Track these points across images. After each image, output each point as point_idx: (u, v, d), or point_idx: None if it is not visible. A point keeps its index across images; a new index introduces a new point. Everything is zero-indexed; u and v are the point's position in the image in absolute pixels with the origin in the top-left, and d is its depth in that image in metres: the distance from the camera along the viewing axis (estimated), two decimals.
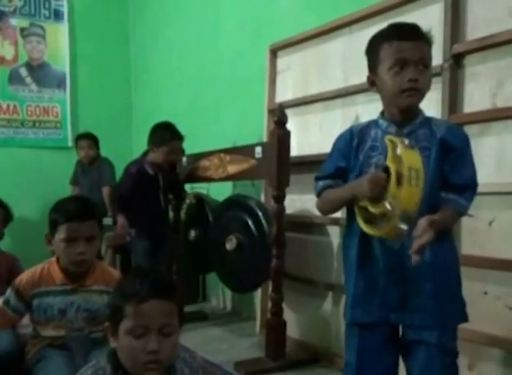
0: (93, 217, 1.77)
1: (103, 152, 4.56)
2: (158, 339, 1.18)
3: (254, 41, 3.58)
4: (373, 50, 1.49)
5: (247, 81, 3.66)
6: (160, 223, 3.36)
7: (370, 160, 1.48)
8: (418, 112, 1.49)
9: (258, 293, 3.30)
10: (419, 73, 1.40)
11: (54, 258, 1.82)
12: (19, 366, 1.97)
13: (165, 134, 3.29)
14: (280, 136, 2.63)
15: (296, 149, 2.83)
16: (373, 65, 1.49)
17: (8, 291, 1.79)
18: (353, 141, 1.52)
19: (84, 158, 4.47)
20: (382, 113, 1.53)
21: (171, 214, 3.48)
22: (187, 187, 3.69)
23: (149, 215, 3.29)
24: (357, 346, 1.52)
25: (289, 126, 2.70)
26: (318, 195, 1.58)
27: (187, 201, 3.69)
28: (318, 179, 1.59)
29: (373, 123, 1.53)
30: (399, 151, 1.32)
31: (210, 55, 4.17)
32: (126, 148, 5.24)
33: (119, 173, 4.58)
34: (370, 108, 2.47)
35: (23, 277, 1.80)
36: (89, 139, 4.46)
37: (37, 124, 5.03)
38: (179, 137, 3.33)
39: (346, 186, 1.50)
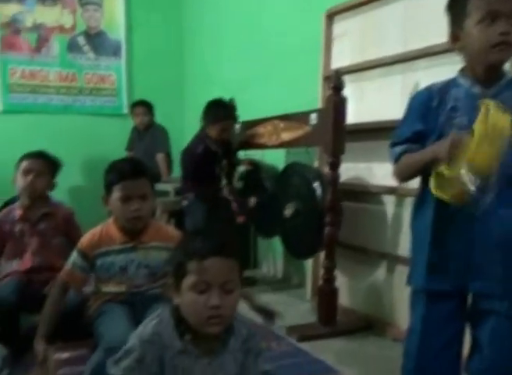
0: (145, 176, 1.84)
1: (157, 119, 4.64)
2: (220, 295, 1.21)
3: (308, 7, 3.50)
4: (459, 3, 1.40)
5: (301, 48, 3.59)
6: (217, 188, 3.41)
7: (451, 121, 1.40)
8: (503, 72, 1.41)
9: (309, 260, 3.32)
10: (511, 26, 1.32)
11: (111, 220, 1.89)
12: (81, 319, 2.09)
13: (219, 113, 3.31)
14: (336, 102, 2.59)
15: (351, 117, 2.78)
16: (458, 19, 1.40)
17: (74, 253, 1.89)
18: (433, 102, 1.44)
19: (139, 125, 4.56)
20: (462, 72, 1.45)
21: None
22: (240, 154, 3.71)
23: (207, 180, 3.34)
24: (424, 313, 1.49)
25: (346, 92, 2.66)
26: (396, 161, 1.51)
27: (242, 167, 3.71)
28: (393, 144, 1.52)
29: (452, 83, 1.46)
30: (491, 114, 1.24)
31: (263, 21, 4.11)
32: (179, 115, 5.32)
33: (172, 139, 4.68)
34: (431, 74, 2.38)
35: (85, 240, 1.88)
36: (144, 106, 4.54)
37: (93, 92, 5.15)
38: (232, 117, 3.34)
39: (427, 148, 1.42)
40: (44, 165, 2.47)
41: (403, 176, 1.54)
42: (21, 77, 4.87)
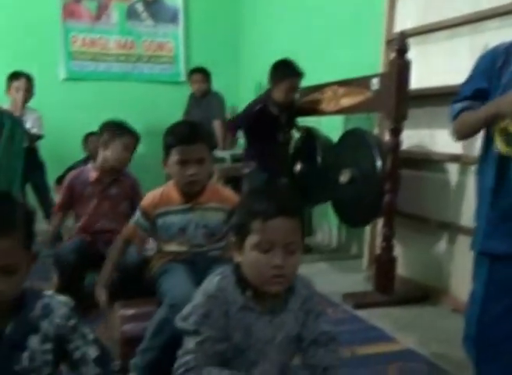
0: (202, 140, 1.85)
1: (213, 86, 4.64)
2: (283, 255, 1.21)
3: None
4: None
5: (362, 10, 3.47)
6: (277, 156, 3.40)
7: None
8: None
9: (367, 229, 3.28)
10: None
11: (171, 181, 1.92)
12: (142, 279, 2.16)
13: (285, 71, 3.26)
14: (400, 66, 2.50)
15: (415, 81, 2.68)
16: None
17: (137, 213, 1.95)
18: (497, 62, 1.40)
19: (197, 92, 4.58)
20: None
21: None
22: (298, 120, 3.67)
23: (268, 149, 3.33)
24: (486, 277, 1.46)
25: (409, 56, 2.56)
26: (454, 118, 1.49)
27: (297, 134, 3.68)
28: (455, 102, 1.50)
29: None
30: None
31: None
32: (235, 82, 5.30)
33: (227, 106, 4.68)
34: (502, 35, 2.23)
35: (146, 200, 1.93)
36: (202, 73, 4.55)
37: (151, 59, 5.20)
38: (298, 74, 3.28)
39: (489, 104, 1.39)
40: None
41: (462, 133, 1.52)
42: (82, 45, 4.98)
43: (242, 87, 5.31)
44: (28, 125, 3.67)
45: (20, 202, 1.11)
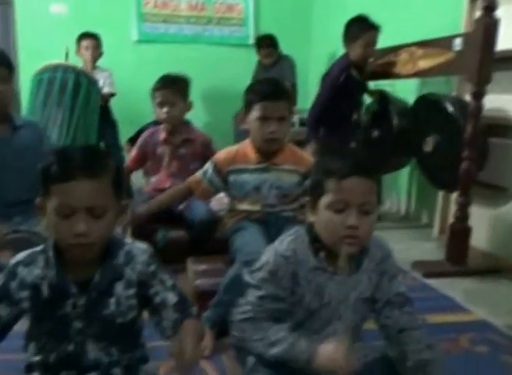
0: (285, 98, 1.83)
1: (283, 49, 4.56)
2: (357, 215, 1.18)
3: None
4: None
5: None
6: (347, 121, 3.32)
7: None
8: None
9: (438, 198, 3.17)
10: None
11: (248, 140, 1.92)
12: (213, 237, 2.21)
13: (361, 25, 3.11)
14: (487, 24, 2.34)
15: (501, 42, 2.50)
16: None
17: (208, 164, 1.96)
18: None
19: (264, 61, 4.52)
20: None
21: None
22: (370, 84, 3.55)
23: (338, 112, 3.25)
24: None
25: (497, 14, 2.39)
26: None
27: (370, 98, 3.57)
28: None
29: None
30: None
31: None
32: (305, 45, 5.19)
33: (298, 69, 4.60)
34: None
35: (221, 155, 1.95)
36: (268, 40, 4.47)
37: (221, 21, 5.17)
38: (375, 27, 3.14)
39: None
40: (175, 93, 2.53)
41: None
42: (154, 7, 5.02)
43: (313, 49, 5.19)
44: (99, 84, 3.76)
45: (109, 153, 1.15)
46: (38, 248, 1.13)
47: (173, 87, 2.53)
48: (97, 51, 3.92)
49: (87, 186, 1.03)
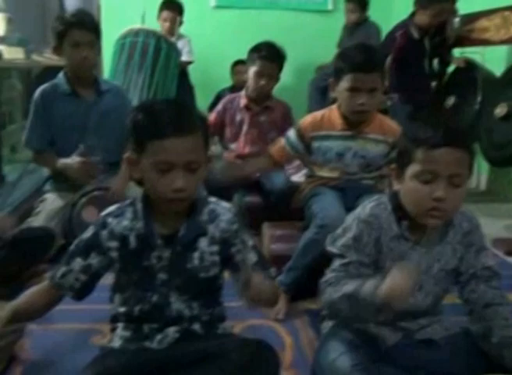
0: (377, 69, 1.76)
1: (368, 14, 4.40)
2: (445, 187, 1.14)
3: None
4: None
5: None
6: (423, 88, 3.19)
7: None
8: None
9: None
10: None
11: (335, 106, 1.88)
12: (289, 203, 2.21)
13: None
14: None
15: None
16: None
17: (291, 130, 1.94)
18: None
19: (349, 23, 4.38)
20: None
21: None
22: (457, 51, 3.37)
23: (412, 80, 3.13)
24: None
25: None
26: None
27: (454, 65, 3.39)
28: None
29: None
30: None
31: None
32: (387, 9, 4.97)
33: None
34: None
35: (305, 120, 1.91)
36: (355, 2, 4.31)
37: None
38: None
39: None
40: (278, 67, 2.52)
41: None
42: None
43: (395, 14, 4.96)
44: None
45: (195, 108, 1.17)
46: (127, 201, 1.19)
47: (278, 62, 2.52)
48: (175, 23, 3.90)
49: (185, 142, 1.05)
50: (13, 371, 1.41)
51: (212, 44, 4.67)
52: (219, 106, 2.63)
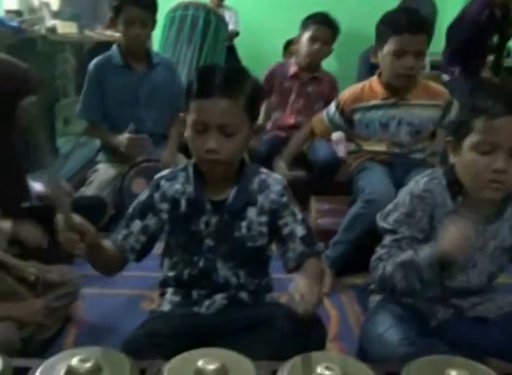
0: (425, 31, 1.69)
1: None
2: (506, 159, 1.09)
3: None
4: None
5: None
6: (483, 63, 3.05)
7: None
8: None
9: None
10: None
11: (375, 76, 1.83)
12: (333, 175, 2.19)
13: None
14: None
15: None
16: None
17: (331, 106, 1.91)
18: None
19: None
20: None
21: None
22: None
23: (475, 54, 3.00)
24: None
25: None
26: None
27: None
28: None
29: None
30: None
31: None
32: None
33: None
34: None
35: (345, 93, 1.88)
36: None
37: None
38: None
39: None
40: (334, 36, 2.48)
41: None
42: None
43: None
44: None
45: (252, 76, 1.15)
46: (180, 166, 1.20)
47: (333, 29, 2.48)
48: None
49: (222, 104, 1.05)
50: (68, 331, 1.48)
51: (261, 18, 4.62)
52: (267, 73, 2.61)
